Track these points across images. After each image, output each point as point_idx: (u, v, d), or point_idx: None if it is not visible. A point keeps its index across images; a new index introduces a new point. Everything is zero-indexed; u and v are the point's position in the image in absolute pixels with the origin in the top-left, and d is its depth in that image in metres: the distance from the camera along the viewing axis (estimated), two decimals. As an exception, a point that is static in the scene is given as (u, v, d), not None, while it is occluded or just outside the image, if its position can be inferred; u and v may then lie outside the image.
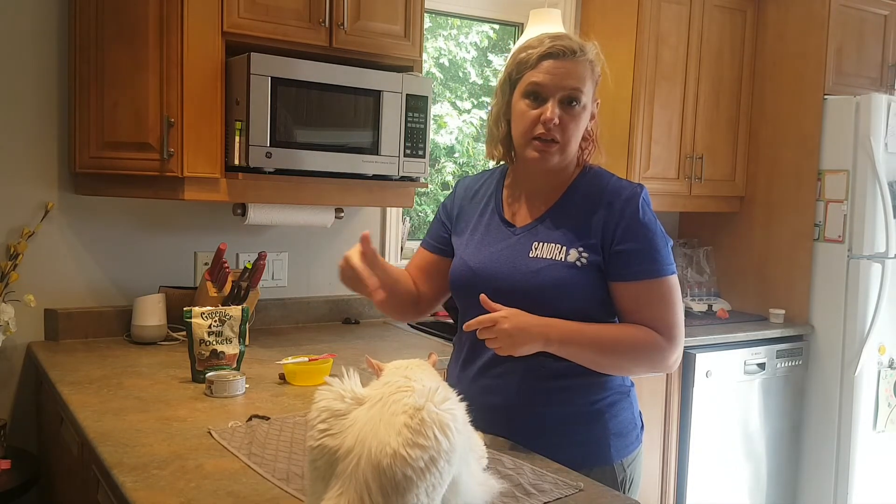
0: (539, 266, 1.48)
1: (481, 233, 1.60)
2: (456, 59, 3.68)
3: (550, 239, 1.50)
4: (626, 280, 1.47)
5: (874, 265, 3.13)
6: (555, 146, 1.48)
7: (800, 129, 3.30)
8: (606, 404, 1.53)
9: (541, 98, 1.48)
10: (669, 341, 1.47)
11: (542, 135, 1.47)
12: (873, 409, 3.20)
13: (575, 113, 1.49)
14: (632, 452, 1.56)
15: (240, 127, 2.19)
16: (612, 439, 1.53)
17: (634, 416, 1.60)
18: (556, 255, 1.48)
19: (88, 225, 2.45)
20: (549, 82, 1.47)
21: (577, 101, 1.48)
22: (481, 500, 1.16)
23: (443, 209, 1.72)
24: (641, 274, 1.46)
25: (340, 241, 2.90)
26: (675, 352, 1.48)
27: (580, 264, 1.46)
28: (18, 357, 2.36)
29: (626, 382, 1.59)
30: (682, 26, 3.22)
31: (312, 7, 2.31)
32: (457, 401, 1.08)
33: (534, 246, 1.51)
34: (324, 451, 1.02)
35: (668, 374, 2.94)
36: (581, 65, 1.48)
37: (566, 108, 1.48)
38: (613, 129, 3.23)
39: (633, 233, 1.46)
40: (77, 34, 2.23)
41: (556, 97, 1.46)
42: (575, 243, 1.48)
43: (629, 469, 1.55)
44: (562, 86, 1.46)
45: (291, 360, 1.98)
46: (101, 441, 1.47)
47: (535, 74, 1.48)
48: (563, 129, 1.47)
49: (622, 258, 1.46)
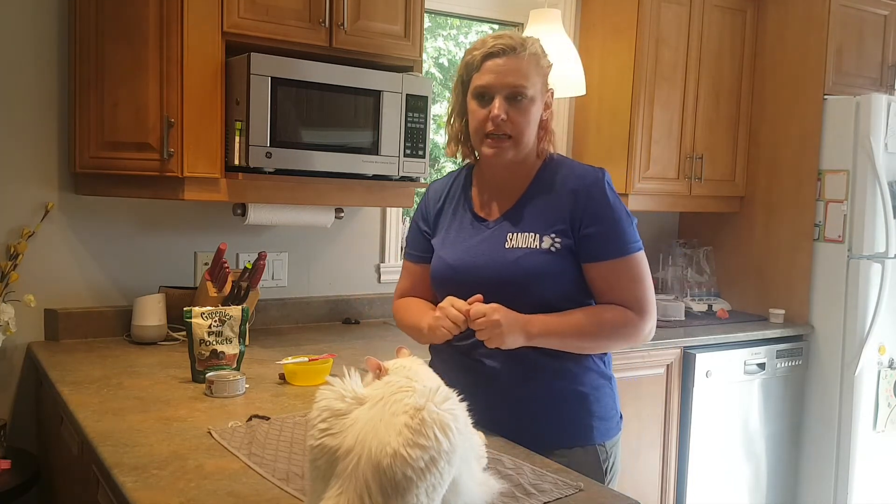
0: (516, 255, 1.55)
1: (455, 230, 1.66)
2: (455, 58, 3.69)
3: (523, 228, 1.57)
4: (596, 261, 1.55)
5: (874, 265, 3.13)
6: (507, 141, 1.56)
7: (800, 129, 3.30)
8: (590, 388, 1.60)
9: (487, 97, 1.56)
10: (641, 315, 1.55)
11: (493, 131, 1.55)
12: (873, 409, 3.20)
13: (522, 107, 1.55)
14: (613, 437, 1.64)
15: (240, 127, 2.19)
16: (595, 421, 1.60)
17: (615, 403, 1.67)
18: (531, 244, 1.55)
19: (88, 225, 2.45)
20: (492, 81, 1.54)
21: (522, 96, 1.55)
22: (481, 500, 1.16)
23: (419, 217, 1.77)
24: (609, 254, 1.54)
25: (340, 241, 2.91)
26: (647, 324, 1.56)
27: (554, 249, 1.53)
28: (18, 357, 2.36)
29: (607, 370, 1.65)
30: (682, 26, 3.22)
31: (312, 7, 2.31)
32: (457, 401, 1.08)
33: (508, 237, 1.57)
34: (324, 451, 1.02)
35: (668, 374, 2.94)
36: (523, 60, 1.55)
37: (513, 103, 1.54)
38: (613, 129, 3.23)
39: (599, 216, 1.54)
40: (77, 34, 2.23)
41: (501, 95, 1.54)
42: (547, 230, 1.55)
43: (611, 451, 1.62)
44: (505, 83, 1.53)
45: (291, 360, 1.98)
46: (101, 441, 1.47)
47: (480, 77, 1.56)
48: (513, 123, 1.54)
49: (591, 241, 1.54)
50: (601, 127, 3.30)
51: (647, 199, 3.25)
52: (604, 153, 3.24)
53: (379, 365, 1.21)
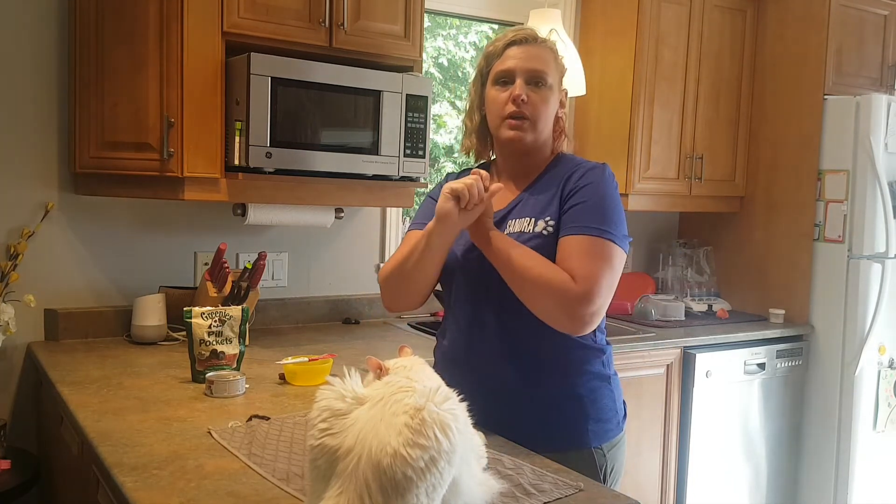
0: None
1: None
2: (455, 58, 3.69)
3: (522, 215, 1.58)
4: (568, 234, 1.49)
5: (874, 265, 3.13)
6: (525, 122, 1.57)
7: (800, 129, 3.30)
8: (586, 389, 1.57)
9: (509, 81, 1.58)
10: (581, 289, 1.42)
11: (514, 112, 1.57)
12: (873, 409, 3.20)
13: (542, 93, 1.58)
14: (612, 439, 1.59)
15: (240, 127, 2.19)
16: (591, 424, 1.57)
17: (616, 404, 1.63)
18: (526, 227, 1.56)
19: (88, 225, 2.45)
20: (514, 66, 1.58)
21: (542, 82, 1.58)
22: (481, 500, 1.16)
23: (435, 195, 1.70)
24: (583, 229, 1.48)
25: (340, 241, 2.91)
26: (586, 305, 1.43)
27: (546, 233, 1.53)
28: (18, 357, 2.36)
29: (606, 370, 1.62)
30: (682, 26, 3.22)
31: (312, 7, 2.31)
32: (457, 401, 1.08)
33: (508, 224, 1.59)
34: (324, 451, 1.02)
35: (668, 374, 2.94)
36: (544, 49, 1.60)
37: (533, 87, 1.57)
38: (613, 128, 3.23)
39: (584, 192, 1.53)
40: (77, 34, 2.23)
41: (522, 77, 1.57)
42: (542, 215, 1.55)
43: (609, 455, 1.58)
44: (526, 67, 1.57)
45: (291, 360, 1.98)
46: (101, 441, 1.47)
47: (502, 63, 1.59)
48: (533, 106, 1.57)
49: (570, 213, 1.52)
50: (601, 127, 3.30)
51: (647, 199, 3.25)
52: (604, 153, 3.24)
53: (379, 364, 1.21)
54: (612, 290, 1.48)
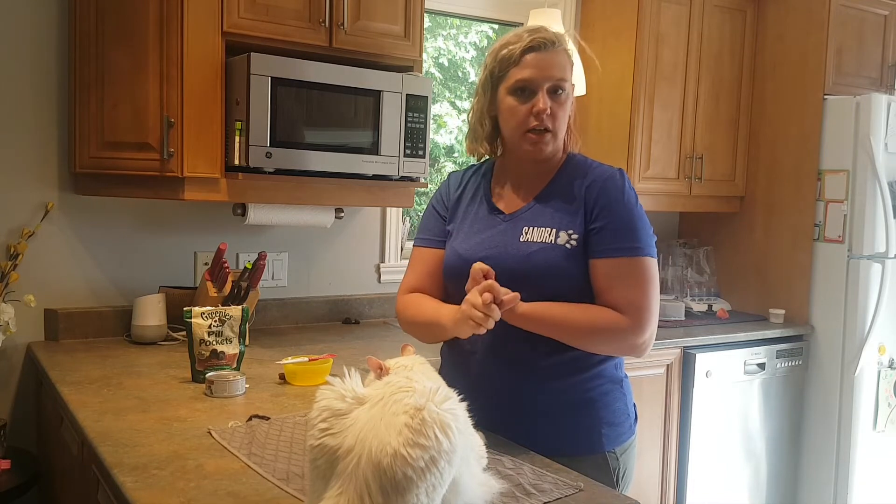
0: (531, 249, 1.52)
1: (470, 221, 1.64)
2: (455, 58, 3.69)
3: (540, 223, 1.54)
4: (601, 256, 1.50)
5: (874, 265, 3.13)
6: (548, 135, 1.54)
7: (800, 129, 3.30)
8: (598, 393, 1.55)
9: (529, 91, 1.53)
10: (634, 323, 1.47)
11: (536, 126, 1.53)
12: (873, 409, 3.20)
13: (562, 101, 1.56)
14: (624, 442, 1.58)
15: (240, 127, 2.19)
16: (604, 428, 1.55)
17: (627, 407, 1.61)
18: (547, 238, 1.52)
19: (88, 225, 2.45)
20: (535, 76, 1.52)
21: (562, 89, 1.55)
22: (481, 500, 1.16)
23: (437, 201, 1.73)
24: (616, 251, 1.49)
25: (340, 241, 2.91)
26: (641, 334, 1.48)
27: (569, 247, 1.50)
28: (18, 357, 2.36)
29: (618, 373, 1.60)
30: (682, 26, 3.22)
31: (312, 7, 2.31)
32: (457, 401, 1.08)
33: (524, 230, 1.55)
34: (324, 451, 1.02)
35: (668, 374, 2.94)
36: (560, 54, 1.56)
37: (553, 97, 1.54)
38: (613, 128, 3.23)
39: (610, 210, 1.51)
40: (77, 34, 2.23)
41: (543, 88, 1.53)
42: (564, 227, 1.52)
43: (622, 458, 1.57)
44: (548, 76, 1.53)
45: (291, 360, 1.98)
46: (101, 441, 1.47)
47: (520, 71, 1.53)
48: (554, 117, 1.54)
49: (598, 234, 1.50)
50: (601, 127, 3.30)
51: (647, 199, 3.23)
52: (604, 153, 3.24)
53: (380, 364, 1.21)
54: (658, 303, 1.53)
